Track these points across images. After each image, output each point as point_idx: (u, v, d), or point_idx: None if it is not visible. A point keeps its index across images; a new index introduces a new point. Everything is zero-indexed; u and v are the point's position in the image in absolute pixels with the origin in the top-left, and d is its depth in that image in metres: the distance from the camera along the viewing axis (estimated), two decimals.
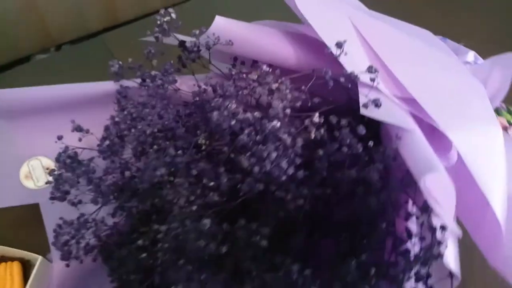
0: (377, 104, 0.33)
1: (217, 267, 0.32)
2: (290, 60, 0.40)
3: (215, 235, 0.29)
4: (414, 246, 0.33)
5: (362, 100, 0.33)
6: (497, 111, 0.67)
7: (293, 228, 0.32)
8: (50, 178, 0.52)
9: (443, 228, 0.31)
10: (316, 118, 0.31)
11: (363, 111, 0.33)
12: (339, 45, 0.34)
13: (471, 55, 0.60)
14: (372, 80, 0.34)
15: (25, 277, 0.48)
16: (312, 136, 0.31)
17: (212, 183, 0.32)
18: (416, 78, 0.39)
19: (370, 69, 0.34)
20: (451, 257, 0.34)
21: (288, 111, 0.32)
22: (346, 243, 0.32)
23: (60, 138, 0.47)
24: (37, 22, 0.87)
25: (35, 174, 0.55)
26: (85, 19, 0.91)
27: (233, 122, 0.32)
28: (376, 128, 0.38)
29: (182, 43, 0.46)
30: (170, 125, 0.40)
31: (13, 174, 0.55)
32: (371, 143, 0.32)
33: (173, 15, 0.44)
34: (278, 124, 0.30)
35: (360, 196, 0.31)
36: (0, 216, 0.54)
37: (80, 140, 0.47)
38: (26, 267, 0.49)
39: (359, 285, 0.30)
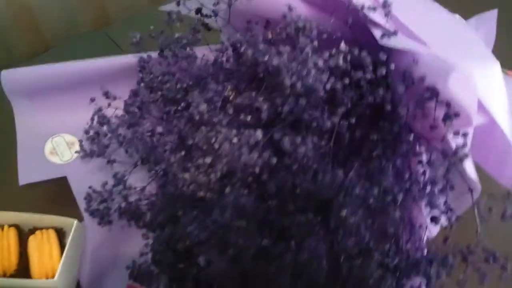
0: (394, 33, 0.37)
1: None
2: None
3: (265, 148, 0.32)
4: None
5: (379, 32, 0.38)
6: None
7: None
8: (75, 152, 0.54)
9: (465, 135, 0.35)
10: (342, 45, 0.35)
11: (381, 41, 0.37)
12: None
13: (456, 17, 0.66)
14: (387, 14, 0.38)
15: (60, 244, 0.50)
16: (340, 62, 0.35)
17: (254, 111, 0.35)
18: (420, 20, 0.43)
19: (384, 4, 0.38)
20: (470, 166, 0.38)
21: (316, 43, 0.36)
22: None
23: (93, 100, 0.49)
24: (31, 27, 0.88)
25: (59, 150, 0.57)
26: (78, 23, 0.94)
27: (267, 57, 0.35)
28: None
29: (199, 10, 0.50)
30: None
31: (38, 151, 0.56)
32: (392, 67, 0.36)
33: None
34: (310, 51, 0.34)
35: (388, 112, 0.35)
36: (29, 195, 0.55)
37: (109, 105, 0.50)
38: (60, 235, 0.51)
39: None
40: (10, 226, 0.50)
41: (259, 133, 0.32)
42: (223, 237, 0.36)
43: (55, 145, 0.57)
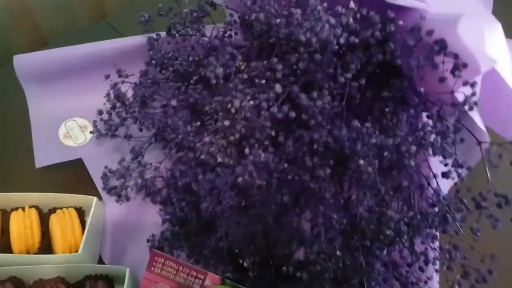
0: None
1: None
2: None
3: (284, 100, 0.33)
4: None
5: None
6: None
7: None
8: (90, 132, 0.55)
9: (472, 85, 0.36)
10: (352, 4, 0.36)
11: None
12: None
13: None
14: None
15: (80, 223, 0.51)
16: (350, 20, 0.36)
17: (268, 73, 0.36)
18: None
19: None
20: (478, 117, 0.40)
21: (325, 4, 0.37)
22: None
23: (107, 77, 0.50)
24: (31, 25, 0.89)
25: (73, 133, 0.58)
26: (75, 19, 0.94)
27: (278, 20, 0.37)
28: None
29: None
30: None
31: (53, 135, 0.57)
32: (400, 23, 0.37)
33: None
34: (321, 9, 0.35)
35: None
36: (47, 178, 0.56)
37: (122, 83, 0.51)
38: (79, 214, 0.52)
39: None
40: (30, 207, 0.51)
41: (278, 87, 0.33)
42: (243, 198, 0.37)
43: (68, 129, 0.58)
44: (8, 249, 0.47)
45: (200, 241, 0.43)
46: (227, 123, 0.37)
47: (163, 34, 0.54)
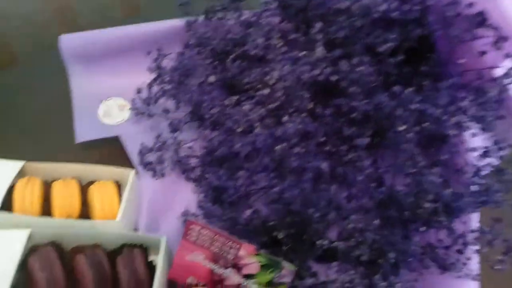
0: None
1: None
2: None
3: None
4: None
5: None
6: None
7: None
8: (129, 108, 0.57)
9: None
10: None
11: None
12: None
13: None
14: None
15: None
16: None
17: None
18: None
19: None
20: None
21: None
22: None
23: (149, 53, 0.52)
24: (70, 21, 0.92)
25: (111, 112, 0.60)
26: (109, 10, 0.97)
27: None
28: None
29: None
30: None
31: (92, 112, 0.60)
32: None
33: None
34: None
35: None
36: (85, 155, 0.58)
37: (164, 57, 0.53)
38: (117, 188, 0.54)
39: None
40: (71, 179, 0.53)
41: (320, 50, 0.34)
42: (282, 163, 0.38)
43: (107, 108, 0.60)
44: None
45: (235, 212, 0.44)
46: (267, 91, 0.38)
47: (200, 18, 0.56)
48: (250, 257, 0.43)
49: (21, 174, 0.52)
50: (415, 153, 0.35)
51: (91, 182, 0.53)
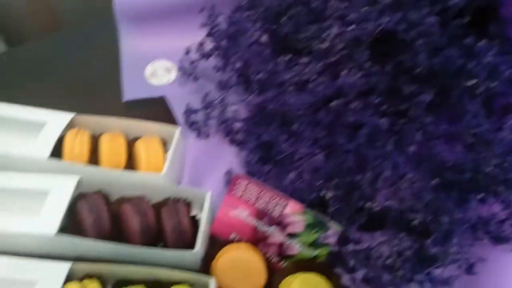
0: None
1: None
2: None
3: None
4: None
5: None
6: None
7: None
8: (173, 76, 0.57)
9: None
10: None
11: None
12: None
13: None
14: None
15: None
16: None
17: None
18: None
19: None
20: None
21: None
22: None
23: (201, 10, 0.52)
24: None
25: (158, 73, 0.61)
26: None
27: None
28: None
29: None
30: None
31: (140, 72, 0.60)
32: None
33: None
34: None
35: None
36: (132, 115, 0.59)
37: (216, 16, 0.53)
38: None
39: None
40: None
41: None
42: (338, 119, 0.37)
43: (154, 69, 0.61)
44: None
45: (282, 171, 0.44)
46: (325, 45, 0.38)
47: None
48: (296, 215, 0.43)
49: (71, 126, 0.53)
50: (480, 114, 0.34)
51: (137, 138, 0.54)
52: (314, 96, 0.38)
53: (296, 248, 0.43)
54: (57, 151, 0.50)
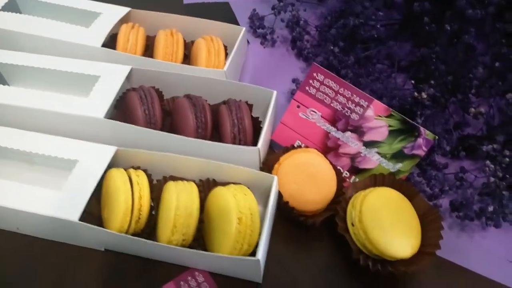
0: None
1: None
2: None
3: None
4: None
5: None
6: None
7: None
8: None
9: None
10: None
11: None
12: None
13: None
14: None
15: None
16: None
17: None
18: None
19: None
20: None
21: None
22: None
23: None
24: None
25: None
26: None
27: None
28: None
29: None
30: None
31: None
32: None
33: None
34: None
35: None
36: None
37: None
38: None
39: None
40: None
41: None
42: None
43: None
44: None
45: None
46: None
47: None
48: (379, 119, 0.36)
49: (127, 21, 0.48)
50: None
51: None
52: None
53: (374, 160, 0.37)
54: (111, 44, 0.46)
